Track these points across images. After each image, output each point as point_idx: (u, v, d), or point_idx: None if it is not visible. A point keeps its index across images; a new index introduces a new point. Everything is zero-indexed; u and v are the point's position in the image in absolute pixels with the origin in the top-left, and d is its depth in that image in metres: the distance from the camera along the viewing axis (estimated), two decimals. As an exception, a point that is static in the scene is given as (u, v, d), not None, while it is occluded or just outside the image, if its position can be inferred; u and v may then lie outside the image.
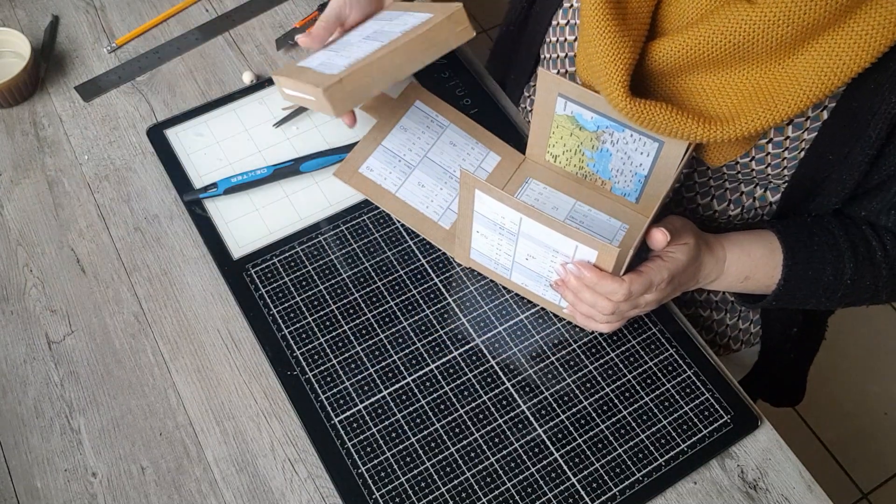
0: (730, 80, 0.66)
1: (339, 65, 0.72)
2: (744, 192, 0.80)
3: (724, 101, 0.66)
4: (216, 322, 0.79)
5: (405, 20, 0.76)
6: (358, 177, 0.83)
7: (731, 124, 0.65)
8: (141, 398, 0.75)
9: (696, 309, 0.92)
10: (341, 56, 0.75)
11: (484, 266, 0.80)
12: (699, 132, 0.65)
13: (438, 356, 0.77)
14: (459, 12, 0.72)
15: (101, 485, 0.71)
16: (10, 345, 0.78)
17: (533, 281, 0.76)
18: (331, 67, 0.73)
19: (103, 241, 0.85)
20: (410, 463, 0.71)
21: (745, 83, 0.65)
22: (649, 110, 0.65)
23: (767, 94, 0.64)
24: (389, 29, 0.76)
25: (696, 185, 0.81)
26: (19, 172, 0.89)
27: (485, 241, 0.76)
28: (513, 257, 0.75)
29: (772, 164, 0.73)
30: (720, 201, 0.81)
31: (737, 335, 0.95)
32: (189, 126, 0.92)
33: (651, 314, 0.79)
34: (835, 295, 0.75)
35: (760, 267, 0.75)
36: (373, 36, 0.76)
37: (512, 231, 0.71)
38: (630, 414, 0.74)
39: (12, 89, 0.92)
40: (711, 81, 0.67)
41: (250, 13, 1.04)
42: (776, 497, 0.72)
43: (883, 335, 1.79)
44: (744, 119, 0.64)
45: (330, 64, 0.74)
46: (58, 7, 1.03)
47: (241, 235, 0.84)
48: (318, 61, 0.76)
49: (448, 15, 0.72)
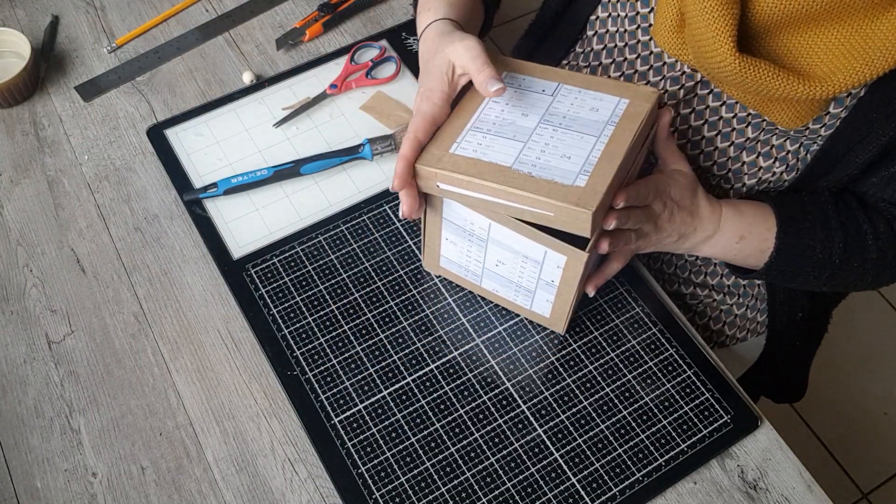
0: (821, 39, 0.66)
1: (568, 170, 0.64)
2: (775, 145, 0.79)
3: (817, 58, 0.66)
4: (216, 322, 0.79)
5: (586, 101, 0.69)
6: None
7: (828, 81, 0.65)
8: (141, 398, 0.75)
9: (709, 291, 0.92)
10: (542, 150, 0.66)
11: (454, 273, 0.79)
12: (800, 89, 0.65)
13: (438, 356, 0.77)
14: (657, 98, 0.69)
15: (101, 485, 0.71)
16: (10, 345, 0.78)
17: (503, 287, 0.76)
18: (553, 172, 0.64)
19: (103, 241, 0.85)
20: (410, 463, 0.71)
21: (835, 41, 0.66)
22: (756, 68, 0.65)
23: (860, 51, 0.64)
24: (571, 112, 0.69)
25: (734, 132, 0.80)
26: (19, 172, 0.89)
27: (454, 249, 0.75)
28: (483, 264, 0.74)
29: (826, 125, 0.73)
30: (750, 153, 0.81)
31: (744, 324, 0.96)
32: (189, 126, 0.92)
33: (651, 314, 0.79)
34: (823, 273, 0.76)
35: (754, 227, 0.76)
36: (551, 120, 0.68)
37: (481, 237, 0.71)
38: (630, 414, 0.74)
39: (12, 89, 0.92)
40: (803, 40, 0.67)
41: (250, 13, 1.04)
42: (776, 497, 0.72)
43: (883, 335, 1.79)
44: (840, 75, 0.65)
45: (540, 164, 0.65)
46: (58, 7, 1.03)
47: (241, 235, 0.84)
48: (505, 153, 0.66)
49: (652, 103, 0.68)
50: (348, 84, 0.95)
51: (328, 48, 1.00)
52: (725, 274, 0.91)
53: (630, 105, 0.68)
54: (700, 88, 0.78)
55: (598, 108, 0.69)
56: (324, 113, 0.94)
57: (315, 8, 1.03)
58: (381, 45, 0.99)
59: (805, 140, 0.76)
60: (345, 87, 0.95)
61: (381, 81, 0.96)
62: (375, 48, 0.99)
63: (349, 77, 0.96)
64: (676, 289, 0.94)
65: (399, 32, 1.01)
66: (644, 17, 0.78)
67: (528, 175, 0.64)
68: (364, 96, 0.95)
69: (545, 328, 0.78)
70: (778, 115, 0.72)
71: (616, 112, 0.68)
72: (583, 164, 0.64)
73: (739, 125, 0.77)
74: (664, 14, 0.71)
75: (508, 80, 0.72)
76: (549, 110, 0.69)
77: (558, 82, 0.71)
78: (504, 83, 0.67)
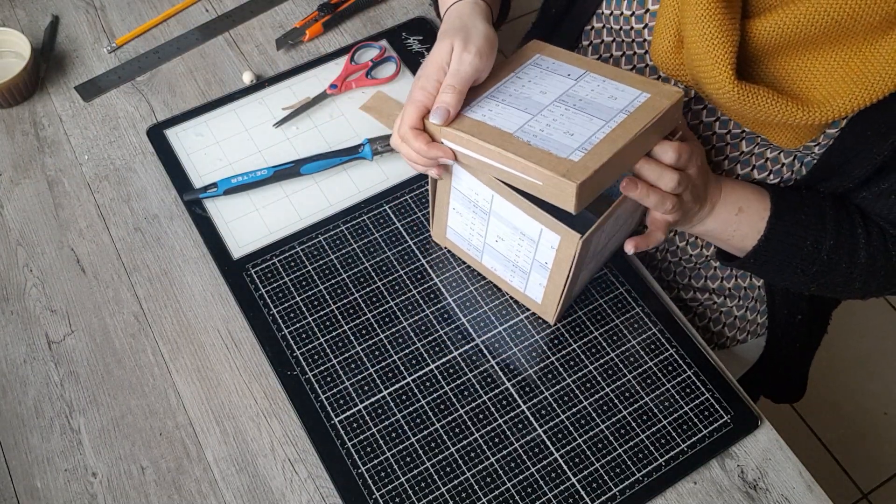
0: (819, 62, 0.66)
1: (567, 144, 0.64)
2: (769, 158, 0.79)
3: (816, 82, 0.66)
4: (216, 322, 0.79)
5: (606, 90, 0.69)
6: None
7: (827, 106, 0.65)
8: (141, 398, 0.75)
9: (709, 295, 0.92)
10: (548, 123, 0.66)
11: (458, 247, 0.80)
12: (799, 115, 0.65)
13: (438, 356, 0.77)
14: (679, 99, 0.68)
15: (101, 485, 0.71)
16: (10, 345, 0.78)
17: (501, 265, 0.77)
18: (551, 144, 0.65)
19: (103, 241, 0.85)
20: (410, 463, 0.71)
21: (834, 65, 0.65)
22: (755, 95, 0.65)
23: (859, 74, 0.64)
24: (589, 97, 0.69)
25: (728, 146, 0.80)
26: (19, 172, 0.89)
27: (460, 220, 0.76)
28: (484, 238, 0.75)
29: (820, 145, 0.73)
30: (744, 166, 0.81)
31: (745, 325, 0.96)
32: (189, 126, 0.92)
33: (651, 314, 0.79)
34: (810, 269, 0.75)
35: (753, 203, 0.75)
36: (566, 100, 0.69)
37: (484, 209, 0.72)
38: (630, 414, 0.74)
39: (12, 89, 0.92)
40: (802, 63, 0.66)
41: (250, 13, 1.04)
42: (776, 497, 0.72)
43: (883, 335, 1.79)
44: (840, 100, 0.64)
45: (542, 135, 0.66)
46: (58, 7, 1.03)
47: (241, 235, 0.84)
48: (511, 121, 0.67)
49: (673, 102, 0.67)
50: (348, 84, 0.95)
51: (328, 48, 1.00)
52: (726, 277, 0.90)
53: (650, 99, 0.68)
54: (694, 104, 0.78)
55: (617, 96, 0.69)
56: (324, 113, 0.94)
57: (315, 8, 1.03)
58: (381, 45, 0.99)
59: (799, 154, 0.76)
60: (345, 87, 0.95)
61: (381, 81, 0.96)
62: (375, 48, 0.99)
63: (349, 77, 0.96)
64: (677, 294, 0.94)
65: (399, 32, 1.01)
66: (639, 30, 0.77)
67: (526, 143, 0.65)
68: (364, 96, 0.95)
69: (545, 328, 0.78)
70: (775, 137, 0.72)
71: (633, 103, 0.68)
72: (583, 143, 0.64)
73: (733, 140, 0.77)
74: (662, 34, 0.70)
75: (538, 62, 0.73)
76: (567, 92, 0.70)
77: (585, 69, 0.72)
78: (446, 119, 0.68)
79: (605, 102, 0.68)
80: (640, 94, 0.68)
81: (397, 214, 0.85)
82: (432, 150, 0.68)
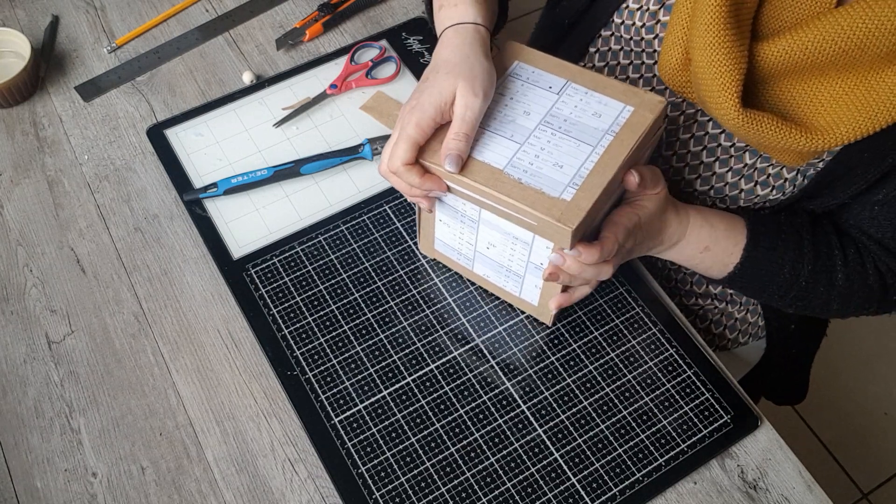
0: (825, 88, 0.66)
1: (557, 180, 0.65)
2: (771, 174, 0.79)
3: (821, 107, 0.66)
4: (216, 322, 0.79)
5: (590, 105, 0.69)
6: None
7: (831, 133, 0.65)
8: (141, 398, 0.75)
9: (711, 300, 0.93)
10: (536, 154, 0.66)
11: (447, 257, 0.80)
12: (802, 142, 0.65)
13: (438, 356, 0.77)
14: (663, 109, 0.68)
15: (101, 485, 0.71)
16: (10, 345, 0.78)
17: (494, 272, 0.77)
18: (542, 180, 0.65)
19: (103, 241, 0.85)
20: (410, 463, 0.71)
21: (839, 92, 0.65)
22: (759, 122, 0.65)
23: (864, 103, 0.64)
24: (573, 115, 0.68)
25: (732, 158, 0.80)
26: (19, 172, 0.89)
27: (448, 231, 0.76)
28: (474, 246, 0.75)
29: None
30: (748, 181, 0.81)
31: (745, 328, 0.96)
32: (189, 126, 0.92)
33: (651, 314, 0.79)
34: (788, 294, 0.76)
35: (721, 240, 0.75)
36: (551, 122, 0.68)
37: (472, 218, 0.72)
38: (630, 414, 0.74)
39: (12, 89, 0.92)
40: (808, 88, 0.66)
41: (250, 13, 1.04)
42: (776, 497, 0.72)
43: (883, 335, 1.79)
44: (843, 127, 0.65)
45: (532, 170, 0.65)
46: (58, 7, 1.03)
47: (241, 235, 0.84)
48: (500, 153, 0.67)
49: (657, 115, 0.67)
50: (348, 84, 0.95)
51: (328, 48, 1.01)
52: None
53: (634, 114, 0.68)
54: (700, 115, 0.78)
55: (602, 113, 0.69)
56: (324, 113, 0.94)
57: (315, 8, 1.03)
58: (381, 45, 0.99)
59: (802, 167, 0.76)
60: (345, 87, 0.95)
61: (381, 81, 0.96)
62: (375, 48, 0.99)
63: (349, 77, 0.96)
64: (678, 301, 0.94)
65: (399, 32, 1.01)
66: (649, 41, 0.77)
67: (517, 181, 0.65)
68: (364, 96, 0.95)
69: (545, 328, 0.78)
70: (779, 156, 0.72)
71: (618, 121, 0.68)
72: (573, 176, 0.65)
73: (737, 152, 0.77)
74: (670, 52, 0.70)
75: (518, 71, 0.72)
76: (551, 111, 0.69)
77: (567, 79, 0.71)
78: (458, 168, 0.66)
79: (589, 122, 0.68)
80: (623, 108, 0.68)
81: (397, 214, 0.85)
82: (426, 182, 0.67)
